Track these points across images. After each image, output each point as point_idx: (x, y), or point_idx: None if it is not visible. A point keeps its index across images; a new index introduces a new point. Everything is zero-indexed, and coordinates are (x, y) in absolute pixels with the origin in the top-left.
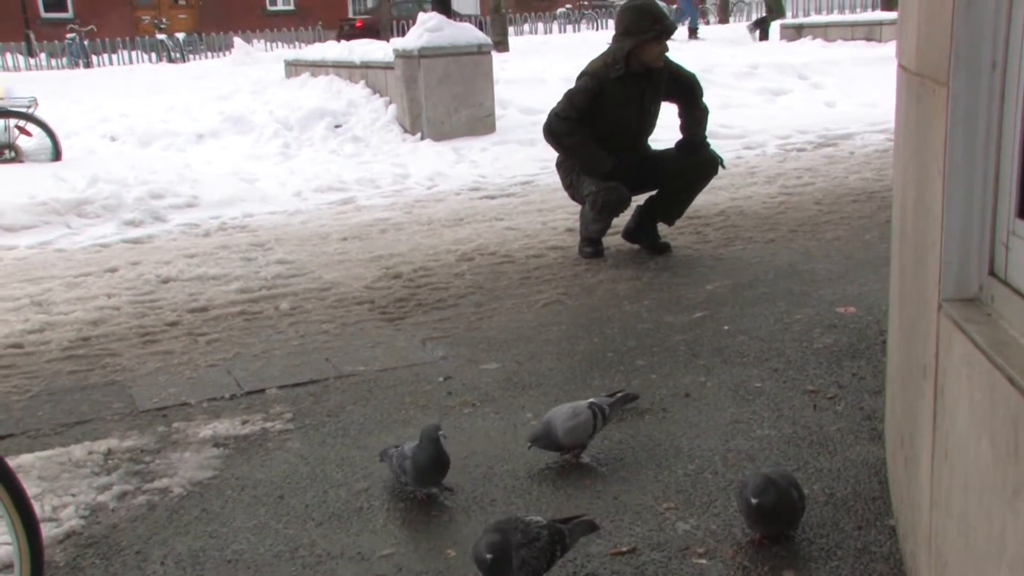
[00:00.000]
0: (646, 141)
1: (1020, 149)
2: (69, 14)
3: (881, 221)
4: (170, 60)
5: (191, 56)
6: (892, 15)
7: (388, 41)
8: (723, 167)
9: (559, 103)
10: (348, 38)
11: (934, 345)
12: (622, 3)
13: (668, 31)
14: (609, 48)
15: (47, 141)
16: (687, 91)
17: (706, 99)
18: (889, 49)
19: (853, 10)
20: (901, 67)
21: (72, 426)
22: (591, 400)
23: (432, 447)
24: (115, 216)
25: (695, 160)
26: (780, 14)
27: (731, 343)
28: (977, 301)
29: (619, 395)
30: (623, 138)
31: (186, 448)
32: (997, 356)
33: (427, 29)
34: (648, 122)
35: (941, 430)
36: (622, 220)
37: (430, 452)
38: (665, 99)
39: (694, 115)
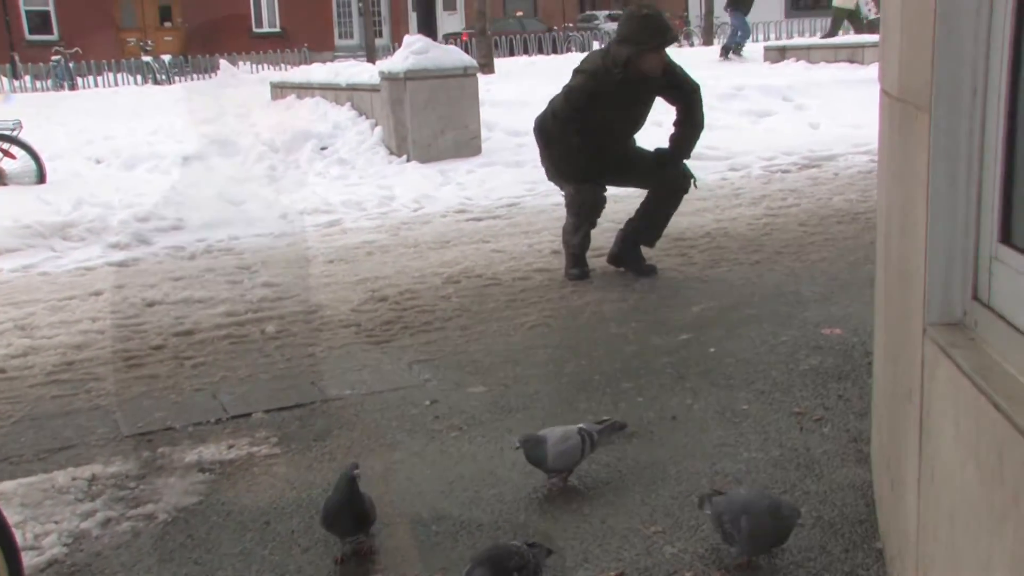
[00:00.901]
0: (631, 138)
1: (1002, 175)
2: (54, 36)
3: (866, 242)
4: (156, 82)
5: (177, 78)
6: (874, 38)
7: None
8: (695, 186)
9: (557, 101)
10: None
11: (919, 369)
12: (627, 9)
13: (668, 43)
14: (609, 49)
15: (31, 164)
16: (685, 101)
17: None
18: (871, 71)
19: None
20: (884, 92)
21: (55, 452)
22: (580, 425)
23: (346, 489)
24: (100, 239)
25: (668, 175)
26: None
27: (717, 365)
28: (961, 326)
29: (607, 423)
30: (609, 135)
31: (171, 473)
32: (982, 381)
33: (413, 52)
34: (636, 122)
35: (927, 454)
36: (607, 243)
37: (342, 495)
38: (665, 100)
39: (685, 132)
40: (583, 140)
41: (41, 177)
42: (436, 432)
